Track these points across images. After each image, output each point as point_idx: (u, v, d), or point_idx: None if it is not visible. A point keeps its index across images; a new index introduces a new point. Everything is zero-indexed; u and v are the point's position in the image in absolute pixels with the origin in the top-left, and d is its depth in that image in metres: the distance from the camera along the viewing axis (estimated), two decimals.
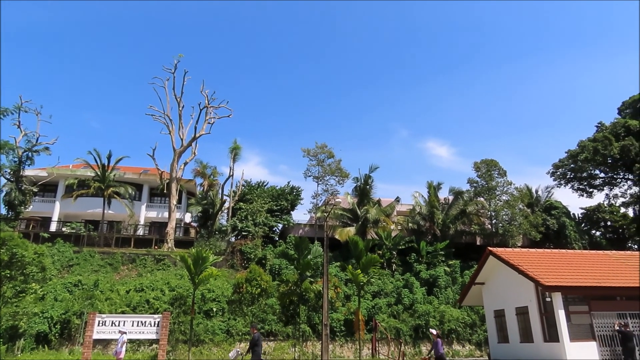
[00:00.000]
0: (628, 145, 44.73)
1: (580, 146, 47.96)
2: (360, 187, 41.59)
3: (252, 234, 37.22)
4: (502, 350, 22.48)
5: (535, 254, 23.16)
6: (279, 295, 25.63)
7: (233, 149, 43.12)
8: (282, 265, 33.00)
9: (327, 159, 41.57)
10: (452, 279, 34.66)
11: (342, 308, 29.23)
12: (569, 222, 41.74)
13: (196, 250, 21.49)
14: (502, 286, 22.97)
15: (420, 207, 41.83)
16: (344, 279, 31.26)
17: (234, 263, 35.33)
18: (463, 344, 29.77)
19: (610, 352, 18.08)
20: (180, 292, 27.15)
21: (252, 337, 13.42)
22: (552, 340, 18.81)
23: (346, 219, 40.72)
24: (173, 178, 39.59)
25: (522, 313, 20.99)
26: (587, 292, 19.06)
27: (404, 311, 30.71)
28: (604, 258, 23.42)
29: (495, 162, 41.04)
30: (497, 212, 40.00)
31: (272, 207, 40.69)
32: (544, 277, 19.07)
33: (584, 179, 49.57)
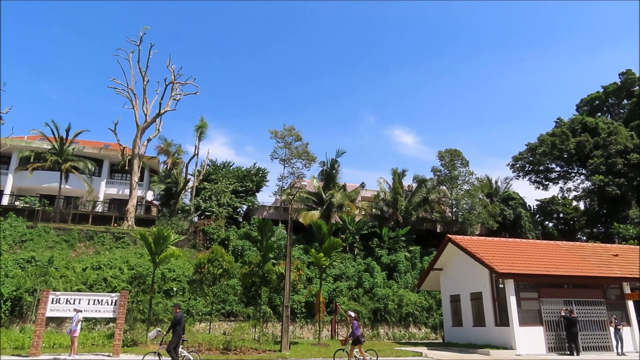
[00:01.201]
0: (583, 141, 46.74)
1: (540, 140, 49.76)
2: (326, 171, 41.74)
3: (216, 215, 36.83)
4: (456, 333, 23.40)
5: (491, 243, 24.06)
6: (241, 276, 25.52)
7: (199, 127, 42.25)
8: (245, 247, 32.91)
9: (294, 142, 41.44)
10: (412, 264, 35.55)
11: (304, 290, 29.52)
12: (525, 212, 43.46)
13: (157, 229, 21.06)
14: (459, 272, 23.78)
15: (385, 193, 42.46)
16: (306, 262, 31.51)
17: (196, 243, 34.94)
18: (419, 327, 30.74)
19: (556, 336, 19.15)
20: (140, 271, 26.66)
21: (174, 317, 13.12)
22: (502, 325, 19.72)
23: (311, 202, 40.88)
24: (135, 154, 38.48)
25: (477, 298, 21.85)
26: (537, 279, 20.01)
27: (364, 294, 31.33)
28: (554, 248, 24.60)
29: (458, 152, 42.03)
30: (458, 200, 41.12)
31: (237, 188, 40.32)
32: (499, 264, 19.87)
33: (541, 172, 51.62)
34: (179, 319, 12.81)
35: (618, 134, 44.79)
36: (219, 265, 23.66)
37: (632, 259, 24.15)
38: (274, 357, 16.01)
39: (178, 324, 12.73)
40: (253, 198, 41.62)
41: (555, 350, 18.85)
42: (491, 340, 19.94)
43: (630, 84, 55.35)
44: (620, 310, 20.51)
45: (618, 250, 25.41)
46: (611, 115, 57.06)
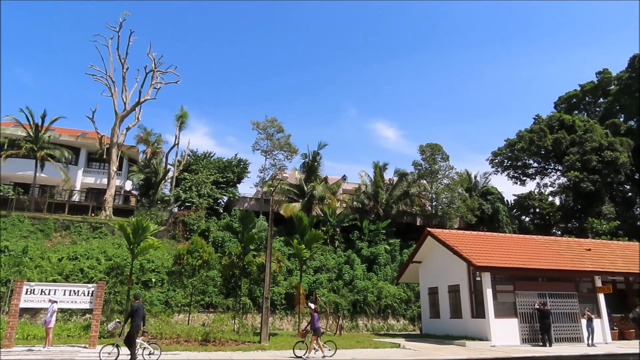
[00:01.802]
0: (560, 138, 47.73)
1: (518, 136, 50.63)
2: (308, 163, 41.70)
3: (196, 205, 36.49)
4: (433, 325, 23.79)
5: (469, 236, 24.45)
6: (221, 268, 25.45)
7: (179, 117, 41.66)
8: (225, 238, 32.75)
9: (276, 133, 41.30)
10: (392, 257, 35.92)
11: (284, 282, 29.58)
12: (503, 207, 44.26)
13: (136, 219, 20.78)
14: (437, 265, 24.13)
15: (366, 186, 42.68)
16: (287, 254, 31.55)
17: (176, 234, 34.60)
18: (398, 319, 31.15)
19: (529, 328, 19.65)
20: (118, 261, 26.29)
21: (131, 307, 12.79)
22: (479, 317, 20.13)
23: (292, 194, 40.83)
24: (114, 143, 37.75)
25: (454, 291, 22.23)
26: (513, 272, 20.46)
27: (344, 286, 31.56)
28: (530, 242, 25.15)
29: (439, 146, 42.44)
30: (437, 194, 41.61)
31: (217, 179, 39.98)
32: (476, 258, 20.22)
33: (519, 168, 52.59)
34: (135, 310, 12.41)
35: (593, 132, 45.86)
36: (199, 256, 23.50)
37: (604, 253, 24.88)
38: (253, 348, 16.02)
39: (134, 314, 12.33)
40: (234, 189, 41.35)
41: (528, 341, 19.34)
42: (467, 332, 20.34)
43: (606, 83, 56.67)
44: (592, 303, 21.13)
45: (591, 245, 26.13)
46: (587, 113, 58.37)
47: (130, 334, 12.22)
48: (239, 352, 15.12)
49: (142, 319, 12.77)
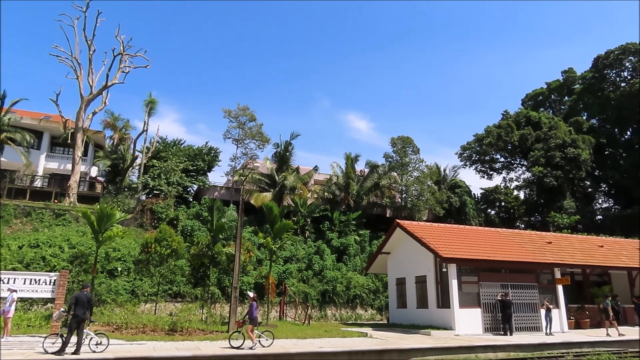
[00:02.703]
0: (526, 134, 49.15)
1: (487, 131, 51.85)
2: (280, 153, 41.53)
3: (165, 194, 35.83)
4: (401, 314, 24.28)
5: (437, 228, 24.97)
6: (190, 257, 25.17)
7: (148, 103, 40.62)
8: (194, 227, 32.34)
9: (248, 122, 40.90)
10: (361, 247, 36.32)
11: (254, 272, 29.51)
12: (470, 200, 45.35)
13: (102, 207, 20.22)
14: (405, 256, 24.56)
15: (337, 177, 42.89)
16: (257, 244, 31.44)
17: (144, 222, 33.92)
18: (366, 309, 31.61)
19: (492, 317, 20.31)
20: (82, 249, 25.61)
21: (72, 297, 12.30)
22: (444, 307, 20.66)
23: (264, 184, 40.63)
24: (79, 127, 36.49)
25: (421, 281, 22.71)
26: (478, 264, 21.05)
27: (313, 276, 31.74)
28: (495, 235, 25.91)
29: (410, 139, 42.99)
30: (407, 187, 42.22)
31: (187, 167, 39.33)
32: (443, 249, 20.69)
33: (487, 162, 53.95)
34: (76, 299, 12.00)
35: (558, 129, 47.43)
36: (167, 245, 23.17)
37: (564, 247, 25.89)
38: (220, 337, 15.95)
39: (75, 304, 11.92)
40: (204, 178, 40.79)
41: (490, 330, 20.00)
42: (433, 321, 20.86)
43: (571, 82, 58.57)
44: (551, 293, 21.99)
45: (552, 238, 27.12)
46: (553, 110, 60.27)
47: (71, 324, 11.81)
48: (206, 341, 15.03)
49: (89, 309, 12.39)
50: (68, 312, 12.25)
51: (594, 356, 14.70)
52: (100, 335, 12.59)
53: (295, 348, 13.49)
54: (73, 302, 12.07)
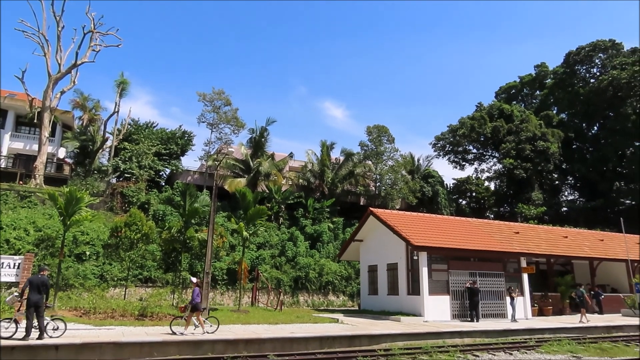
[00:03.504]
0: (499, 126, 50.15)
1: (460, 123, 52.65)
2: (255, 139, 41.15)
3: (136, 177, 35.08)
4: (372, 301, 24.63)
5: (409, 217, 25.32)
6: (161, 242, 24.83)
7: (120, 83, 39.45)
8: (166, 212, 31.87)
9: (223, 106, 40.29)
10: (335, 235, 36.57)
11: (227, 257, 29.36)
12: (442, 190, 46.14)
13: (70, 189, 19.60)
14: (378, 244, 24.85)
15: (312, 164, 42.88)
16: (230, 229, 31.24)
17: (114, 206, 33.18)
18: (338, 295, 31.95)
19: (460, 304, 20.84)
20: (49, 233, 24.91)
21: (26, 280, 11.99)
22: (414, 294, 21.07)
23: (238, 169, 40.27)
24: (46, 107, 35.18)
25: (392, 269, 23.06)
26: (448, 252, 21.48)
27: (286, 263, 31.83)
28: (465, 224, 26.46)
29: (385, 128, 43.24)
30: (382, 175, 42.59)
31: (160, 151, 38.54)
32: (415, 237, 21.02)
33: (460, 153, 54.89)
34: (29, 283, 11.68)
35: (529, 122, 48.56)
36: (138, 229, 22.77)
37: (531, 237, 26.68)
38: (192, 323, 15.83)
39: (29, 288, 11.61)
40: (177, 162, 40.10)
41: (458, 317, 20.53)
42: (403, 308, 21.25)
43: (543, 76, 59.88)
44: (516, 282, 22.68)
45: (519, 229, 27.91)
46: (525, 104, 61.61)
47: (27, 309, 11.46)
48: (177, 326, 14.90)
49: (46, 293, 12.02)
50: (21, 297, 11.90)
51: (555, 342, 15.30)
52: (56, 320, 12.23)
53: (267, 333, 13.54)
54: (26, 286, 11.72)
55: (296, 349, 12.91)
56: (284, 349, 12.73)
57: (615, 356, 12.95)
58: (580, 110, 53.18)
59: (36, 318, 11.47)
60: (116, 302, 19.78)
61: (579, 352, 13.66)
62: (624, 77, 47.40)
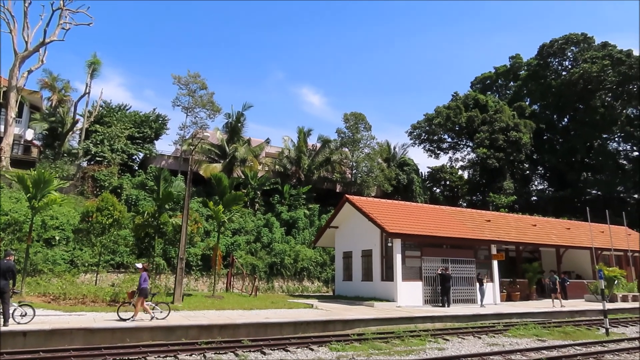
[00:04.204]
0: (473, 116, 50.90)
1: (437, 112, 53.21)
2: (231, 124, 40.68)
3: (108, 161, 34.26)
4: (346, 287, 24.93)
5: (384, 204, 25.59)
6: (134, 227, 24.40)
7: (91, 64, 38.21)
8: (139, 197, 31.32)
9: (199, 90, 39.60)
10: (311, 221, 36.71)
11: (201, 243, 29.14)
12: (417, 178, 46.75)
13: (38, 172, 19.00)
14: (353, 231, 25.07)
15: (289, 151, 42.74)
16: (205, 215, 30.97)
17: (84, 190, 32.39)
18: (313, 281, 32.21)
19: (432, 290, 21.32)
20: (15, 217, 24.17)
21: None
22: (388, 280, 21.41)
23: (214, 155, 39.81)
24: (12, 86, 33.82)
25: (367, 255, 23.34)
26: (421, 239, 21.87)
27: (261, 249, 31.83)
28: (439, 212, 26.93)
29: (363, 116, 43.36)
30: (358, 163, 42.83)
31: (133, 134, 37.69)
32: (389, 225, 21.29)
33: (435, 142, 55.58)
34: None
35: (503, 113, 49.47)
36: (109, 214, 22.33)
37: (501, 225, 27.39)
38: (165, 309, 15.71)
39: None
40: (151, 146, 39.32)
41: (430, 302, 21.01)
42: (377, 294, 21.59)
43: (517, 67, 60.90)
44: (487, 268, 23.31)
45: (491, 217, 28.60)
46: (499, 94, 62.64)
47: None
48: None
49: (12, 279, 11.65)
50: None
51: (522, 326, 15.85)
52: (24, 306, 11.95)
53: (241, 319, 13.57)
54: None
55: (270, 334, 13.00)
56: (258, 334, 12.79)
57: (577, 339, 13.50)
58: (552, 102, 54.44)
59: (1, 305, 11.17)
60: (87, 287, 19.43)
61: (543, 336, 14.19)
62: (594, 70, 48.66)
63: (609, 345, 12.53)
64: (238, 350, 10.70)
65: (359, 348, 11.46)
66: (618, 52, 49.60)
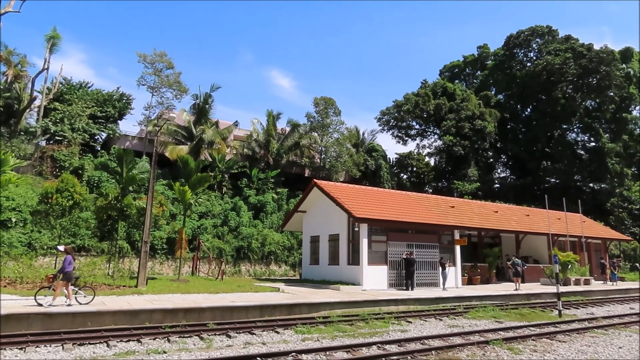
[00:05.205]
0: (441, 104, 51.70)
1: (405, 99, 53.72)
2: (198, 105, 39.86)
3: (69, 140, 33.01)
4: (313, 271, 25.14)
5: (352, 189, 25.81)
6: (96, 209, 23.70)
7: (50, 38, 36.47)
8: (102, 178, 30.42)
9: (165, 69, 38.62)
10: (279, 205, 36.65)
11: (167, 227, 28.67)
12: (385, 164, 47.31)
13: None
14: (320, 215, 25.21)
15: (258, 134, 42.33)
16: (171, 198, 30.41)
17: (43, 170, 31.17)
18: (280, 265, 32.32)
19: (397, 274, 21.76)
20: None
21: None
22: (354, 264, 21.71)
23: (180, 136, 38.98)
24: None
25: (334, 240, 23.55)
26: (387, 224, 22.21)
27: (228, 233, 31.61)
28: (405, 198, 27.38)
29: (332, 101, 43.33)
30: (327, 148, 42.91)
31: (95, 113, 36.40)
32: (356, 210, 21.51)
33: (403, 128, 56.23)
34: None
35: (469, 101, 50.46)
36: (70, 196, 21.59)
37: (464, 211, 28.13)
38: (128, 292, 15.46)
39: None
40: (114, 126, 38.10)
41: (394, 286, 21.47)
42: (343, 278, 21.88)
43: (484, 57, 62.05)
44: (450, 253, 23.98)
45: (455, 203, 29.32)
46: (466, 83, 63.77)
47: None
48: (112, 296, 14.49)
49: None
50: None
51: (481, 308, 16.45)
52: None
53: (207, 302, 13.49)
54: None
55: (236, 318, 12.99)
56: (224, 318, 12.76)
57: (532, 320, 14.12)
58: (517, 92, 55.87)
59: None
60: (46, 271, 18.82)
61: (501, 318, 14.78)
62: (557, 62, 50.14)
63: (561, 325, 13.17)
64: (203, 334, 10.65)
65: (324, 330, 11.62)
66: (580, 46, 51.22)
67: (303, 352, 8.84)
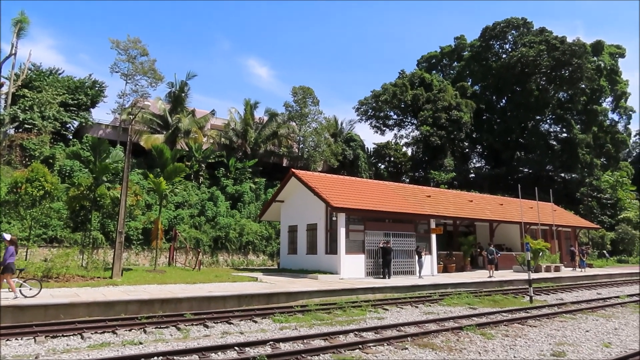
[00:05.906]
0: (419, 94, 52.07)
1: (383, 89, 53.90)
2: (174, 93, 39.14)
3: (39, 129, 32.02)
4: (291, 260, 25.21)
5: (330, 179, 25.88)
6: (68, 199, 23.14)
7: (18, 22, 35.09)
8: (74, 168, 29.69)
9: (139, 56, 37.75)
10: (256, 195, 36.48)
11: (142, 217, 28.23)
12: (363, 154, 47.53)
13: None
14: (298, 205, 25.23)
15: (235, 123, 41.90)
16: (146, 188, 29.93)
17: (12, 159, 30.22)
18: (258, 255, 32.27)
19: (374, 263, 22.02)
20: None
21: None
22: (332, 253, 21.87)
23: (156, 125, 38.25)
24: None
25: (312, 229, 23.64)
26: (365, 214, 22.39)
27: (206, 223, 31.35)
28: (382, 187, 27.61)
29: (311, 90, 43.13)
30: (305, 137, 42.79)
31: (66, 100, 35.35)
32: (334, 199, 21.61)
33: (381, 118, 56.48)
34: None
35: (446, 92, 50.98)
36: (40, 185, 21.00)
37: (440, 200, 28.57)
38: (103, 284, 15.21)
39: None
40: (87, 114, 37.11)
41: (372, 274, 21.73)
42: (321, 267, 22.02)
43: (461, 48, 62.65)
44: (426, 242, 24.36)
45: (431, 193, 29.73)
46: (443, 74, 64.35)
47: None
48: (86, 287, 14.24)
49: None
50: None
51: (456, 295, 16.81)
52: None
53: (184, 293, 13.39)
54: None
55: (214, 308, 12.94)
56: (201, 308, 12.70)
57: (504, 307, 14.52)
58: (492, 84, 56.71)
59: None
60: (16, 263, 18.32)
61: (475, 304, 15.14)
62: (531, 54, 51.04)
63: (532, 311, 13.58)
64: (180, 324, 10.58)
65: (302, 319, 11.69)
66: (553, 39, 52.21)
67: (281, 340, 8.88)
